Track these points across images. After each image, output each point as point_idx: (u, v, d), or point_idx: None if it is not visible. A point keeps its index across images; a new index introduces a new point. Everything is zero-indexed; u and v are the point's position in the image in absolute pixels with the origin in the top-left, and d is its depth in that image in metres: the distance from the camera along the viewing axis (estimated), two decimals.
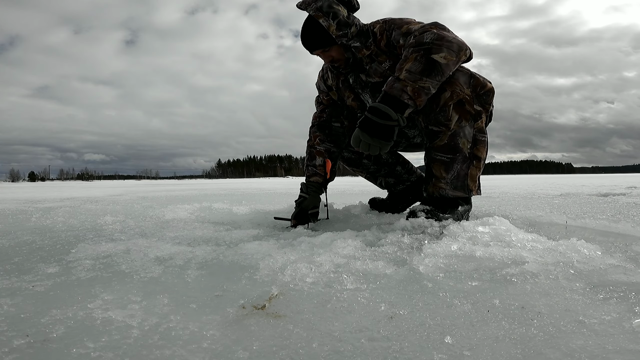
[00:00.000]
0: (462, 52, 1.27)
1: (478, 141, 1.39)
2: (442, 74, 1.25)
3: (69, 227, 1.72)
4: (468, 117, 1.35)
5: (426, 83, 1.23)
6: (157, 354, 0.52)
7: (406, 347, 0.53)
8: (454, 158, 1.38)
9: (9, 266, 1.00)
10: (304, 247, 1.07)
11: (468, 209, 1.47)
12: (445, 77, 1.27)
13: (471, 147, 1.38)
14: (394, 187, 1.95)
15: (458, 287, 0.77)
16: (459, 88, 1.33)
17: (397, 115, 1.23)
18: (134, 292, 0.76)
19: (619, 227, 1.40)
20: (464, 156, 1.38)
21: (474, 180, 1.41)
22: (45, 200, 4.04)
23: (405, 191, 1.94)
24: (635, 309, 0.64)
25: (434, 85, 1.25)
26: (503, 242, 1.02)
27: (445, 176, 1.39)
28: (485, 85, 1.36)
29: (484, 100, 1.36)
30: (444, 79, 1.27)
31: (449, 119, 1.34)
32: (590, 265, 0.86)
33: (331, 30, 1.46)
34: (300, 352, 0.53)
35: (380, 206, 1.97)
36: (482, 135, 1.40)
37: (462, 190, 1.40)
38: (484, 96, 1.36)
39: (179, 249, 1.11)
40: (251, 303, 0.70)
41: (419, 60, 1.24)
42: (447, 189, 1.40)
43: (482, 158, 1.42)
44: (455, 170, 1.39)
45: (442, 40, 1.25)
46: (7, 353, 0.53)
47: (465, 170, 1.39)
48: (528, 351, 0.52)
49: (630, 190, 4.11)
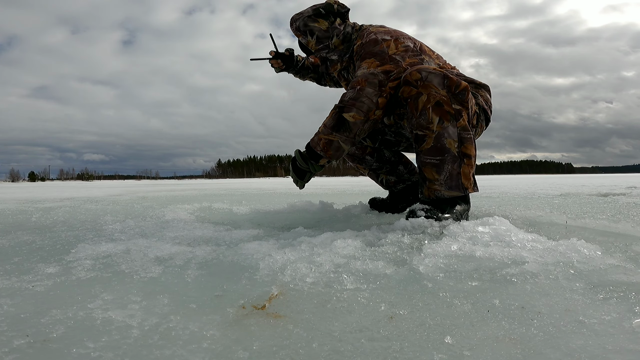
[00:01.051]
0: (371, 113, 1.44)
1: (464, 139, 1.40)
2: (350, 130, 1.44)
3: (69, 227, 1.72)
4: (448, 117, 1.37)
5: (335, 137, 1.45)
6: (157, 354, 0.52)
7: (406, 347, 0.53)
8: (443, 159, 1.39)
9: (9, 266, 1.00)
10: (304, 247, 1.06)
11: (467, 208, 1.48)
12: (353, 133, 1.45)
13: (458, 145, 1.40)
14: (395, 186, 1.97)
15: (458, 287, 0.77)
16: (434, 90, 1.36)
17: (309, 164, 1.51)
18: (134, 292, 0.76)
19: (619, 227, 1.40)
20: (453, 156, 1.39)
21: (468, 178, 1.42)
22: (45, 200, 4.04)
23: (406, 191, 1.96)
24: (635, 309, 0.64)
25: (342, 139, 1.45)
26: (503, 242, 1.02)
27: (438, 178, 1.41)
28: (460, 84, 1.38)
29: (461, 99, 1.39)
30: (353, 135, 1.46)
31: (430, 122, 1.37)
32: (590, 265, 0.86)
33: (310, 46, 1.72)
34: (300, 352, 0.53)
35: (381, 206, 1.98)
36: (467, 133, 1.41)
37: (457, 189, 1.41)
38: (460, 95, 1.38)
39: (179, 249, 1.11)
40: (251, 303, 0.70)
41: (332, 117, 1.46)
42: (442, 190, 1.41)
43: (472, 155, 1.43)
44: (447, 170, 1.40)
45: (356, 100, 1.43)
46: (7, 353, 0.53)
47: (457, 169, 1.40)
48: (528, 351, 0.52)
49: (630, 190, 4.12)
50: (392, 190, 1.98)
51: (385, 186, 2.00)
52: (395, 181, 1.95)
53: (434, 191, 1.42)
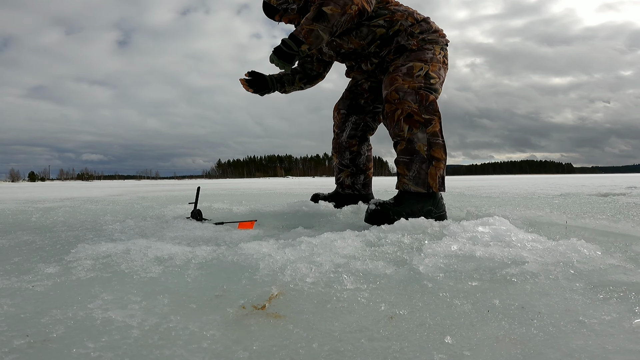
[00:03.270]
0: (347, 7, 1.65)
1: (433, 144, 1.64)
2: (328, 21, 1.65)
3: (69, 227, 1.72)
4: (418, 125, 1.64)
5: (315, 27, 1.65)
6: (157, 354, 0.52)
7: (406, 347, 0.54)
8: (412, 159, 1.65)
9: (9, 266, 1.00)
10: (304, 247, 1.06)
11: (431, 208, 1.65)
12: (331, 24, 1.65)
13: (428, 149, 1.64)
14: (344, 189, 2.18)
15: (458, 287, 0.77)
16: (407, 105, 1.65)
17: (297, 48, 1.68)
18: (133, 292, 0.76)
19: (619, 227, 1.40)
20: (421, 157, 1.63)
21: (434, 179, 1.63)
22: (45, 200, 4.04)
23: (349, 198, 2.17)
24: (635, 309, 0.64)
25: (321, 29, 1.65)
26: (503, 242, 1.02)
27: (407, 173, 1.65)
28: (429, 97, 1.66)
29: (431, 109, 1.66)
30: (330, 25, 1.66)
31: (402, 130, 1.66)
32: (590, 265, 0.86)
33: (272, 2, 1.92)
34: (300, 352, 0.53)
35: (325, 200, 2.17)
36: (437, 139, 1.65)
37: (422, 186, 1.63)
38: (430, 106, 1.66)
39: (179, 249, 1.11)
40: (251, 303, 0.70)
41: (313, 11, 1.66)
42: (410, 184, 1.64)
43: (441, 159, 1.65)
44: (416, 169, 1.64)
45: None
46: (7, 353, 0.53)
47: (426, 170, 1.63)
48: (528, 351, 0.52)
49: (630, 190, 4.12)
50: (339, 192, 2.19)
51: (339, 184, 2.20)
52: (349, 185, 2.17)
53: (402, 184, 1.67)
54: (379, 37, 1.83)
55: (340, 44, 1.90)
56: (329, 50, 1.98)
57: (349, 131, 2.11)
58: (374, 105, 2.10)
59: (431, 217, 1.57)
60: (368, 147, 2.18)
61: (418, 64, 1.73)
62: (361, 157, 2.13)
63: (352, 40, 1.85)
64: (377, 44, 1.85)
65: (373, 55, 1.90)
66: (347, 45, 1.88)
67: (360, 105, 2.10)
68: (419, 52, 1.77)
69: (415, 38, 1.79)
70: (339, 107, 2.17)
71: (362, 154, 2.14)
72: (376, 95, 2.07)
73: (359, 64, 2.00)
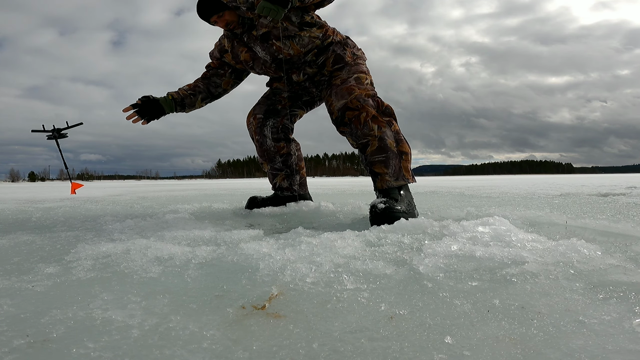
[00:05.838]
0: None
1: (399, 140, 1.78)
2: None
3: (69, 227, 1.72)
4: (383, 124, 1.77)
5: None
6: (157, 354, 0.52)
7: (406, 347, 0.53)
8: (387, 156, 1.74)
9: (9, 266, 1.00)
10: (304, 247, 1.06)
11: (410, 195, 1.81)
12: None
13: (396, 145, 1.76)
14: (283, 192, 2.27)
15: (458, 287, 0.77)
16: (369, 109, 1.77)
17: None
18: (133, 292, 0.76)
19: (619, 227, 1.40)
20: (394, 153, 1.75)
21: (407, 171, 1.79)
22: (45, 200, 4.04)
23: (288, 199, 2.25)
24: (635, 309, 0.64)
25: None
26: (503, 242, 1.02)
27: (387, 171, 1.74)
28: (384, 103, 1.83)
29: (388, 112, 1.82)
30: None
31: (371, 129, 1.75)
32: (590, 265, 0.86)
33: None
34: (300, 352, 0.53)
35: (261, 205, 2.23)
36: (400, 136, 1.80)
37: (402, 179, 1.76)
38: (386, 110, 1.82)
39: (179, 249, 1.11)
40: (251, 303, 0.70)
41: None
42: (392, 181, 1.75)
43: (408, 152, 1.80)
44: (393, 165, 1.74)
45: None
46: (7, 353, 0.53)
47: (399, 164, 1.76)
48: (528, 351, 0.52)
49: (630, 190, 4.12)
50: (278, 195, 2.26)
51: (276, 188, 2.28)
52: (286, 187, 2.25)
53: (385, 182, 1.75)
54: (316, 47, 1.95)
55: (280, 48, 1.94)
56: (265, 55, 1.99)
57: (271, 135, 2.18)
58: (291, 109, 2.19)
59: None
60: (297, 147, 2.26)
61: (362, 75, 1.89)
62: (292, 157, 2.22)
63: (294, 46, 1.93)
64: (314, 53, 1.97)
65: (308, 64, 2.00)
66: (287, 50, 1.94)
67: (277, 109, 2.17)
68: (356, 65, 1.94)
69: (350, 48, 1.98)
70: (254, 112, 2.21)
71: (292, 154, 2.22)
72: (294, 102, 2.18)
73: (289, 75, 2.06)
